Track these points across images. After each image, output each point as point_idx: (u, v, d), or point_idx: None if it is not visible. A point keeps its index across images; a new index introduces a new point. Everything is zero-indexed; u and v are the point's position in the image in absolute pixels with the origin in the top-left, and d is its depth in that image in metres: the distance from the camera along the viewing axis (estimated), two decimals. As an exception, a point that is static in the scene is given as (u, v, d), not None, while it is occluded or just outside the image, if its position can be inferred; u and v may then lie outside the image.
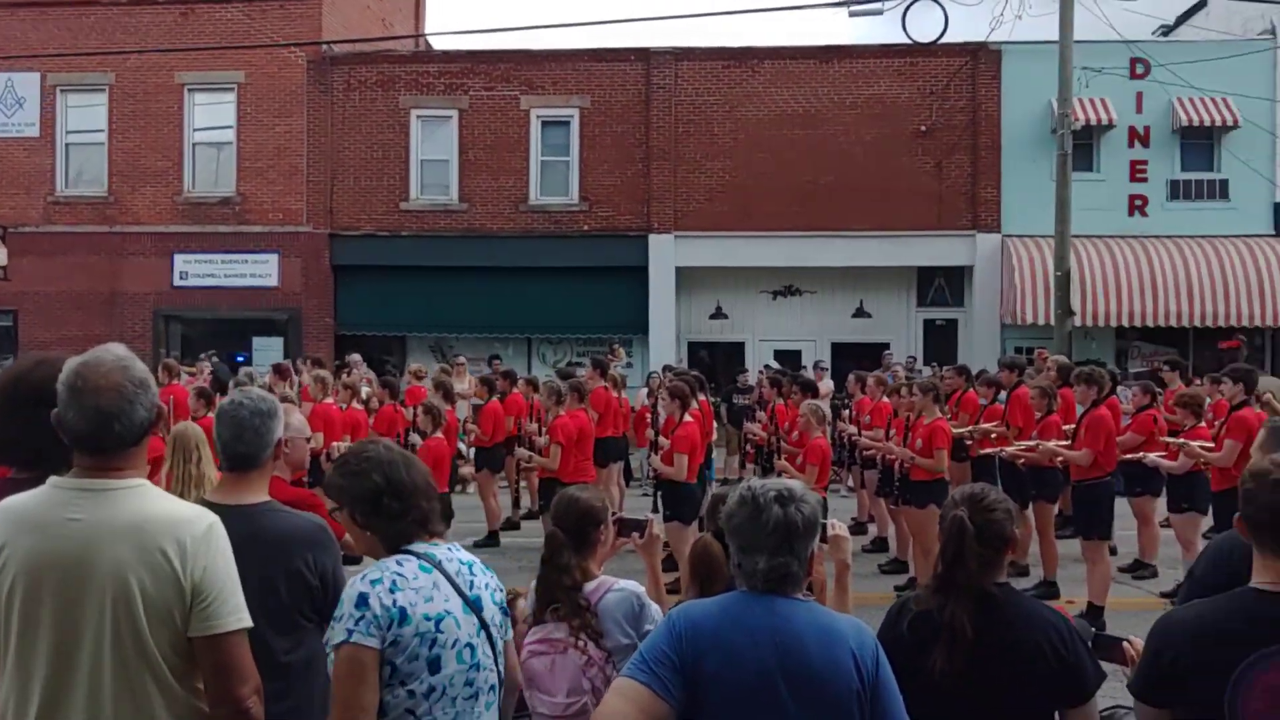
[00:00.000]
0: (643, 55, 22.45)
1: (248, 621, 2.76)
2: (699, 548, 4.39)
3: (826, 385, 17.69)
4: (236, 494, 3.56)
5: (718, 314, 23.02)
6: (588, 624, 3.92)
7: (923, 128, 21.76)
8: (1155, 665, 2.87)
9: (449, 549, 3.23)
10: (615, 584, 4.05)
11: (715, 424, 14.98)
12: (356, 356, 19.05)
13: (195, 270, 22.75)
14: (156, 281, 22.73)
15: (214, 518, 2.78)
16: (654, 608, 4.00)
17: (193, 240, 22.74)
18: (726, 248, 22.00)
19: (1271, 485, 2.77)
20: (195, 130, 22.99)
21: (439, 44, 25.65)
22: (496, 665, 3.22)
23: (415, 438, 10.96)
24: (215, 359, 18.59)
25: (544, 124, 22.64)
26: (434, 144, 22.72)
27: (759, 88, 22.21)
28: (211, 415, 4.67)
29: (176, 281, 22.80)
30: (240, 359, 21.12)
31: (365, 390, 13.99)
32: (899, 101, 21.93)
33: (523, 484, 14.11)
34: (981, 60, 21.77)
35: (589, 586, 4.01)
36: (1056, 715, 3.23)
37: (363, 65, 22.87)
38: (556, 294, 22.10)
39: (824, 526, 3.57)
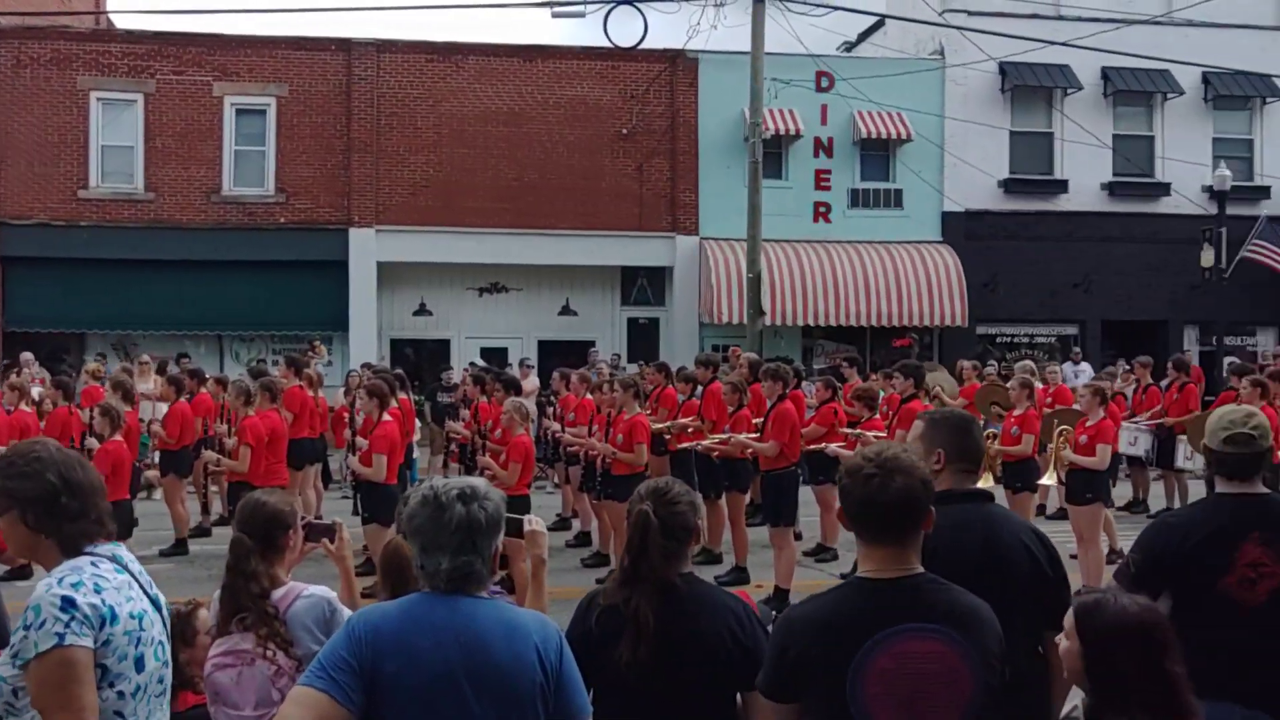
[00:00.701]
0: (344, 45, 21.87)
1: None
2: (390, 549, 4.33)
3: (532, 383, 17.80)
4: None
5: (422, 310, 22.74)
6: (276, 633, 3.79)
7: (624, 130, 22.25)
8: (781, 661, 2.95)
9: (124, 548, 3.07)
10: (305, 590, 3.94)
11: (418, 423, 14.82)
12: (28, 355, 17.65)
13: None
14: None
15: None
16: (346, 613, 3.91)
17: None
18: (430, 243, 21.76)
19: (864, 480, 2.93)
20: None
21: (122, 23, 24.00)
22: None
23: (92, 441, 10.25)
24: None
25: (238, 112, 21.67)
26: (117, 129, 21.30)
27: (463, 83, 22.09)
28: None
29: None
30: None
31: (36, 391, 12.97)
32: (601, 103, 22.34)
33: (213, 488, 13.45)
34: (680, 67, 22.47)
35: (277, 594, 3.89)
36: (739, 698, 3.36)
37: (34, 41, 21.17)
38: (251, 289, 21.20)
39: (520, 522, 3.59)
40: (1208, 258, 21.67)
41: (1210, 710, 3.64)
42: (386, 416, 9.82)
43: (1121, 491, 13.90)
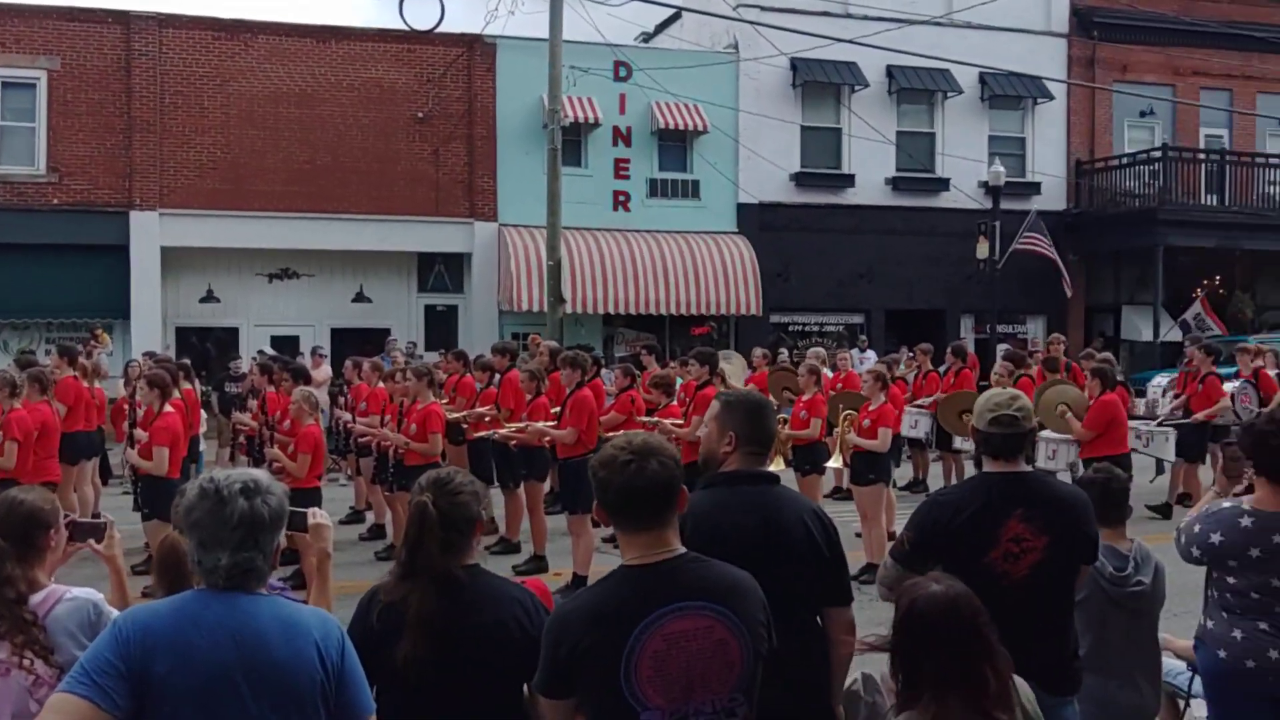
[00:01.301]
0: (122, 18, 20.78)
1: None
2: (166, 545, 4.13)
3: (325, 372, 17.38)
4: None
5: (209, 298, 21.86)
6: (34, 640, 3.56)
7: (420, 115, 21.90)
8: (555, 658, 2.95)
9: None
10: (68, 593, 3.71)
11: (204, 414, 14.25)
12: None
13: None
14: None
15: None
16: (114, 615, 3.71)
17: None
18: (217, 227, 20.92)
19: (621, 468, 2.96)
20: None
21: None
22: None
23: None
24: None
25: (5, 85, 20.34)
26: None
27: (253, 63, 21.30)
28: None
29: None
30: None
31: None
32: (396, 87, 21.92)
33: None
34: (477, 52, 22.25)
35: (36, 598, 3.65)
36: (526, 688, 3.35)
37: None
38: (21, 274, 19.91)
39: (304, 515, 3.49)
40: (983, 250, 22.82)
41: None
42: (168, 408, 9.39)
43: (903, 472, 14.53)
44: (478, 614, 3.25)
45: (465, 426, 11.84)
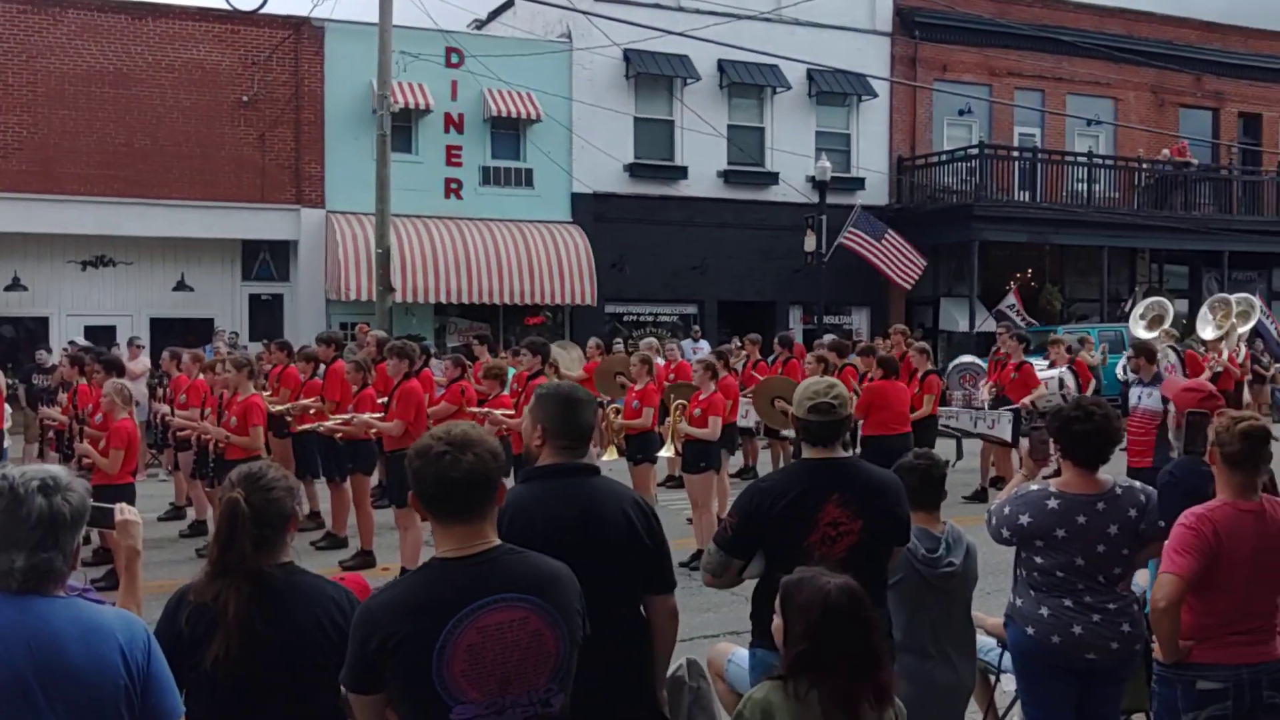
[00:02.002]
0: (-84, -12, 19.54)
1: None
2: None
3: (142, 363, 16.67)
4: None
5: (15, 285, 20.72)
6: None
7: (244, 98, 21.22)
8: (363, 653, 2.88)
9: None
10: None
11: (9, 408, 13.51)
12: None
13: None
14: None
15: None
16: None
17: None
18: (25, 212, 19.85)
19: (436, 459, 2.92)
20: None
21: None
22: None
23: None
24: None
25: None
26: None
27: (62, 39, 20.27)
28: None
29: None
30: None
31: None
32: (219, 68, 21.18)
33: None
34: (305, 35, 21.67)
35: None
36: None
37: None
38: None
39: (110, 512, 3.33)
40: (810, 243, 23.36)
41: None
42: (-35, 402, 8.87)
43: (733, 459, 14.75)
44: (292, 614, 3.15)
45: (289, 419, 11.54)
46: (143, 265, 21.48)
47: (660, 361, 14.75)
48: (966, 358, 17.10)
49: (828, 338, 17.51)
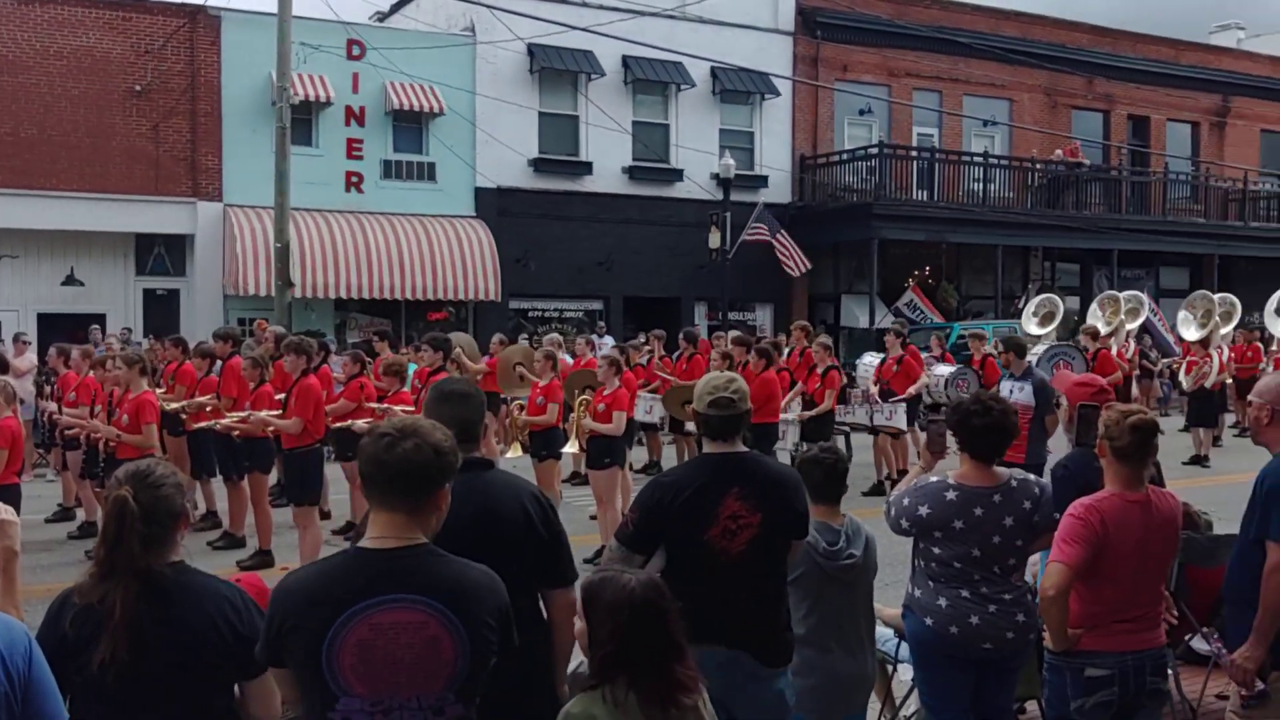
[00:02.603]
0: None
1: None
2: None
3: (28, 360, 16.17)
4: None
5: (-107, 279, 19.97)
6: None
7: (137, 87, 20.67)
8: (270, 628, 2.90)
9: None
10: None
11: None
12: None
13: None
14: None
15: None
16: None
17: None
18: (-98, 203, 19.14)
19: (376, 439, 2.91)
20: None
21: None
22: None
23: None
24: None
25: None
26: None
27: (-59, 23, 19.56)
28: None
29: None
30: None
31: None
32: (110, 56, 20.59)
33: None
34: (200, 24, 21.17)
35: None
36: (237, 688, 3.20)
37: None
38: None
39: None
40: (715, 240, 23.51)
41: (696, 654, 3.93)
42: None
43: (638, 455, 14.80)
44: (182, 614, 3.06)
45: (184, 417, 11.28)
46: (30, 259, 20.80)
47: (567, 359, 14.75)
48: (870, 355, 17.36)
49: (731, 333, 17.64)
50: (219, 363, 11.61)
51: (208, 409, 11.08)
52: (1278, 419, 4.36)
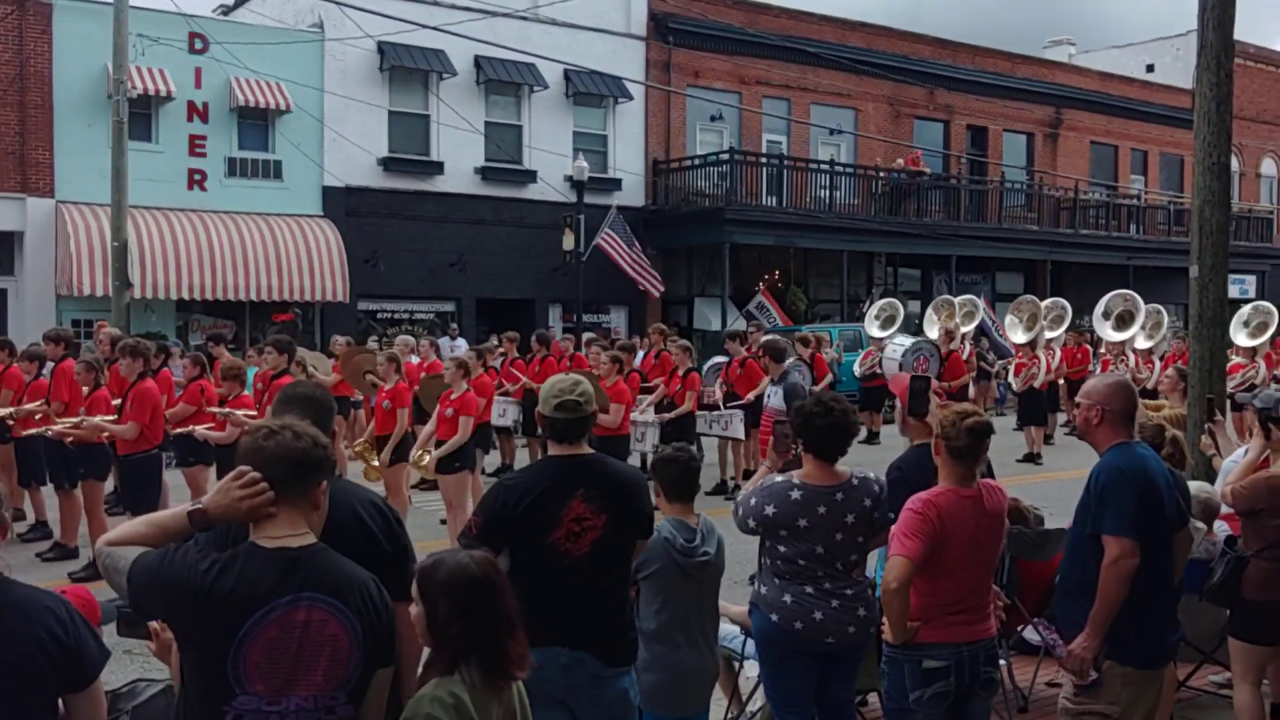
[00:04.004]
0: None
1: None
2: None
3: None
4: None
5: None
6: None
7: (-39, 76, 19.68)
8: (137, 607, 2.92)
9: None
10: None
11: None
12: None
13: None
14: None
15: None
16: None
17: None
18: None
19: (252, 432, 2.90)
20: None
21: None
22: None
23: None
24: None
25: None
26: None
27: None
28: None
29: None
30: None
31: None
32: (-69, 43, 19.56)
33: None
34: (30, 12, 20.25)
35: None
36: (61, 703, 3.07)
37: None
38: None
39: None
40: (568, 242, 23.51)
41: (540, 655, 3.93)
42: None
43: (492, 459, 14.71)
44: (2, 626, 2.93)
45: (12, 423, 10.77)
46: None
47: (414, 360, 14.58)
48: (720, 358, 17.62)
49: (587, 335, 17.73)
50: (50, 365, 11.11)
51: (37, 415, 10.60)
52: (1107, 419, 4.54)
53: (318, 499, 2.98)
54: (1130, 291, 15.29)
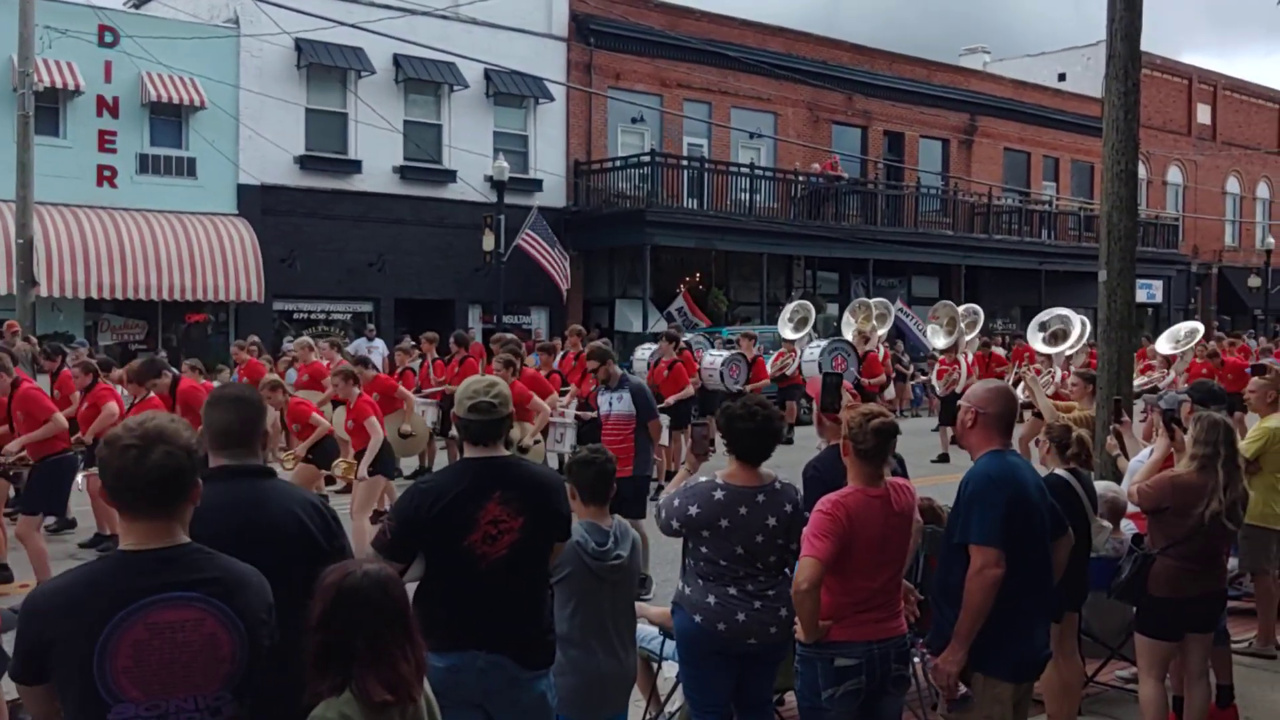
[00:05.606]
0: None
1: None
2: None
3: None
4: None
5: None
6: None
7: None
8: (28, 642, 2.73)
9: None
10: None
11: None
12: None
13: None
14: None
15: None
16: None
17: None
18: None
19: (121, 451, 2.77)
20: None
21: None
22: None
23: None
24: None
25: None
26: None
27: None
28: None
29: None
30: None
31: None
32: None
33: None
34: (-70, 0, 19.63)
35: None
36: None
37: None
38: None
39: None
40: (489, 242, 23.40)
41: (457, 658, 3.90)
42: None
43: (409, 462, 14.58)
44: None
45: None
46: None
47: (322, 362, 14.41)
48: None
49: (507, 336, 17.54)
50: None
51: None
52: (980, 422, 4.52)
53: (195, 497, 2.89)
54: (1069, 312, 15.45)
